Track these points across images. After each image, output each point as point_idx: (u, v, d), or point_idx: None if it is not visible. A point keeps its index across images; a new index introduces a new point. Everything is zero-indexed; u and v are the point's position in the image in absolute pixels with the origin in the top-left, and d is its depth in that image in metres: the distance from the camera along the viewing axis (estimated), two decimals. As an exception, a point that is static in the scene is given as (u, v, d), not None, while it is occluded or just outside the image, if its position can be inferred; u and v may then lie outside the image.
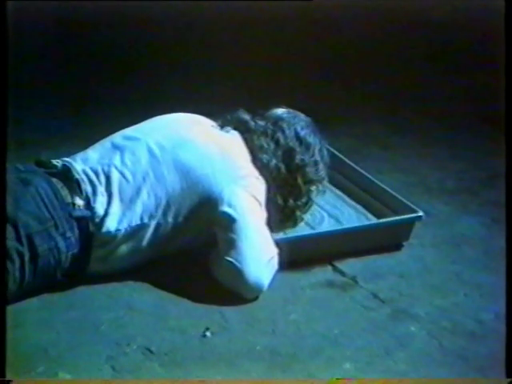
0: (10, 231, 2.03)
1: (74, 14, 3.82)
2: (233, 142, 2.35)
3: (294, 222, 2.45)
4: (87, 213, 2.15)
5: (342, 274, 2.35)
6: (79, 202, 2.16)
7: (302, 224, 2.48)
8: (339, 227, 2.49)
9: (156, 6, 3.85)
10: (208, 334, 2.06)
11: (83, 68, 3.71)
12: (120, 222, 2.17)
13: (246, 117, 2.42)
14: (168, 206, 2.20)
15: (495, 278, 2.06)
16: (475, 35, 3.80)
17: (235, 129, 2.38)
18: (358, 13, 3.94)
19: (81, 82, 3.58)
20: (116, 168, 2.22)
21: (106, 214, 2.16)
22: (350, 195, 2.69)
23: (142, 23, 3.93)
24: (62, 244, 2.10)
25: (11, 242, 2.03)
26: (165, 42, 3.93)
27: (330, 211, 2.59)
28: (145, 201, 2.19)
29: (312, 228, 2.49)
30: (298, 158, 2.39)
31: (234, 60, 3.82)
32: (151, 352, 1.98)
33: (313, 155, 2.42)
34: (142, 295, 2.19)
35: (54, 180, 2.17)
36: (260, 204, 2.27)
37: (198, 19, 3.96)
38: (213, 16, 3.95)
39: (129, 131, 2.34)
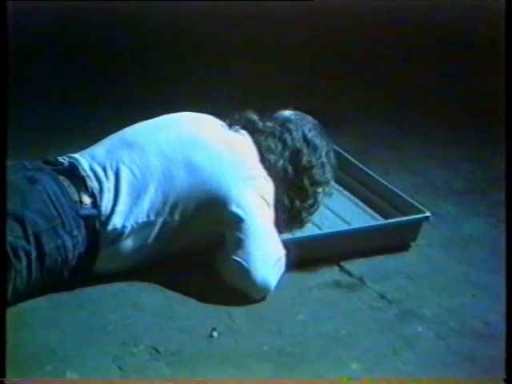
0: (17, 229, 2.03)
1: (74, 14, 3.83)
2: (242, 141, 2.35)
3: (300, 223, 2.45)
4: (94, 211, 2.15)
5: (349, 274, 2.35)
6: (86, 199, 2.16)
7: (309, 224, 2.48)
8: (346, 228, 2.49)
9: (160, 5, 3.86)
10: (215, 334, 2.06)
11: (86, 67, 3.71)
12: (127, 218, 2.18)
13: (254, 117, 2.42)
14: (175, 203, 2.20)
15: (503, 279, 2.05)
16: (476, 35, 3.80)
17: (243, 128, 2.39)
18: (363, 13, 3.94)
19: (85, 82, 3.59)
20: (124, 164, 2.22)
21: (113, 211, 2.16)
22: (357, 196, 2.69)
23: (146, 22, 3.94)
24: (68, 242, 2.11)
25: (18, 241, 2.03)
26: (170, 42, 3.94)
27: (338, 212, 2.59)
28: (152, 198, 2.20)
29: (319, 228, 2.49)
30: (305, 159, 2.39)
31: (240, 61, 3.82)
32: (158, 352, 1.98)
33: (320, 157, 2.42)
34: (149, 295, 2.19)
35: (61, 178, 2.17)
36: (268, 204, 2.27)
37: (200, 19, 3.97)
38: (214, 16, 3.95)
39: (138, 127, 2.35)
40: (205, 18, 3.98)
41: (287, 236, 2.35)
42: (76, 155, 2.28)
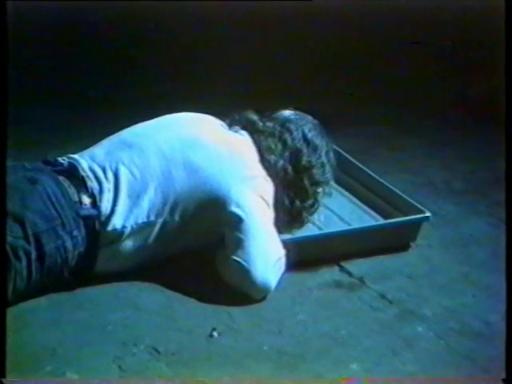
0: (17, 230, 2.03)
1: (74, 14, 3.83)
2: (242, 142, 2.35)
3: (300, 223, 2.45)
4: (94, 212, 2.15)
5: (350, 274, 2.35)
6: (86, 199, 2.16)
7: (309, 224, 2.48)
8: (346, 228, 2.49)
9: (160, 5, 3.86)
10: (215, 334, 2.06)
11: (86, 67, 3.72)
12: (127, 218, 2.17)
13: (254, 117, 2.42)
14: (175, 204, 2.20)
15: (503, 279, 2.05)
16: (476, 35, 3.80)
17: (243, 129, 2.39)
18: (363, 13, 3.94)
19: (85, 82, 3.59)
20: (124, 164, 2.22)
21: (113, 211, 2.16)
22: (357, 196, 2.69)
23: (146, 22, 3.94)
24: (68, 243, 2.11)
25: (18, 241, 2.03)
26: (170, 42, 3.94)
27: (337, 212, 2.59)
28: (152, 198, 2.19)
29: (319, 228, 2.49)
30: (304, 159, 2.39)
31: (241, 61, 3.82)
32: (158, 352, 1.98)
33: (320, 157, 2.42)
34: (149, 295, 2.19)
35: (61, 178, 2.17)
36: (268, 205, 2.27)
37: (200, 19, 3.97)
38: (214, 16, 3.95)
39: (137, 128, 2.35)
40: (205, 18, 3.98)
41: (287, 236, 2.35)
42: (75, 156, 2.28)
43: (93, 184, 2.18)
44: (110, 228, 2.16)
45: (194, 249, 2.26)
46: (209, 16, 3.98)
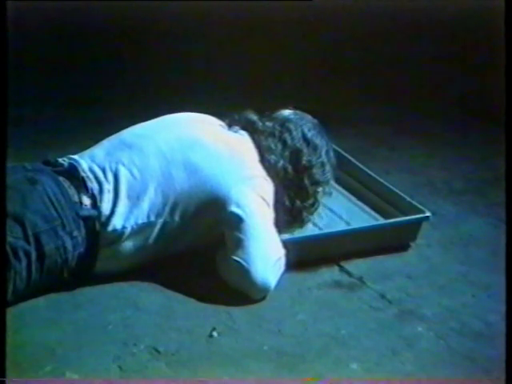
0: (17, 230, 2.03)
1: (74, 14, 3.83)
2: (241, 142, 2.35)
3: (300, 222, 2.45)
4: (94, 212, 2.15)
5: (349, 274, 2.35)
6: (86, 200, 2.16)
7: (309, 224, 2.48)
8: (346, 227, 2.49)
9: (160, 6, 3.86)
10: (215, 334, 2.06)
11: (86, 68, 3.72)
12: (127, 219, 2.18)
13: (254, 117, 2.43)
14: (175, 204, 2.20)
15: (503, 279, 2.05)
16: (476, 35, 3.80)
17: (243, 129, 2.39)
18: (363, 13, 3.94)
19: (85, 82, 3.59)
20: (123, 165, 2.22)
21: (113, 212, 2.16)
22: (357, 195, 2.69)
23: (146, 22, 3.94)
24: (68, 243, 2.11)
25: (18, 241, 2.03)
26: (170, 42, 3.94)
27: (337, 211, 2.59)
28: (152, 199, 2.20)
29: (319, 228, 2.49)
30: (304, 159, 2.39)
31: (240, 61, 3.82)
32: (158, 352, 1.98)
33: (320, 156, 2.42)
34: (149, 295, 2.19)
35: (61, 179, 2.17)
36: (268, 205, 2.27)
37: (201, 20, 3.97)
38: (214, 16, 3.95)
39: (137, 128, 2.35)
40: (204, 19, 3.98)
41: (287, 236, 2.35)
42: (76, 156, 2.28)
43: (93, 185, 2.18)
44: (110, 228, 2.16)
45: (193, 249, 2.26)
46: (209, 16, 3.98)
